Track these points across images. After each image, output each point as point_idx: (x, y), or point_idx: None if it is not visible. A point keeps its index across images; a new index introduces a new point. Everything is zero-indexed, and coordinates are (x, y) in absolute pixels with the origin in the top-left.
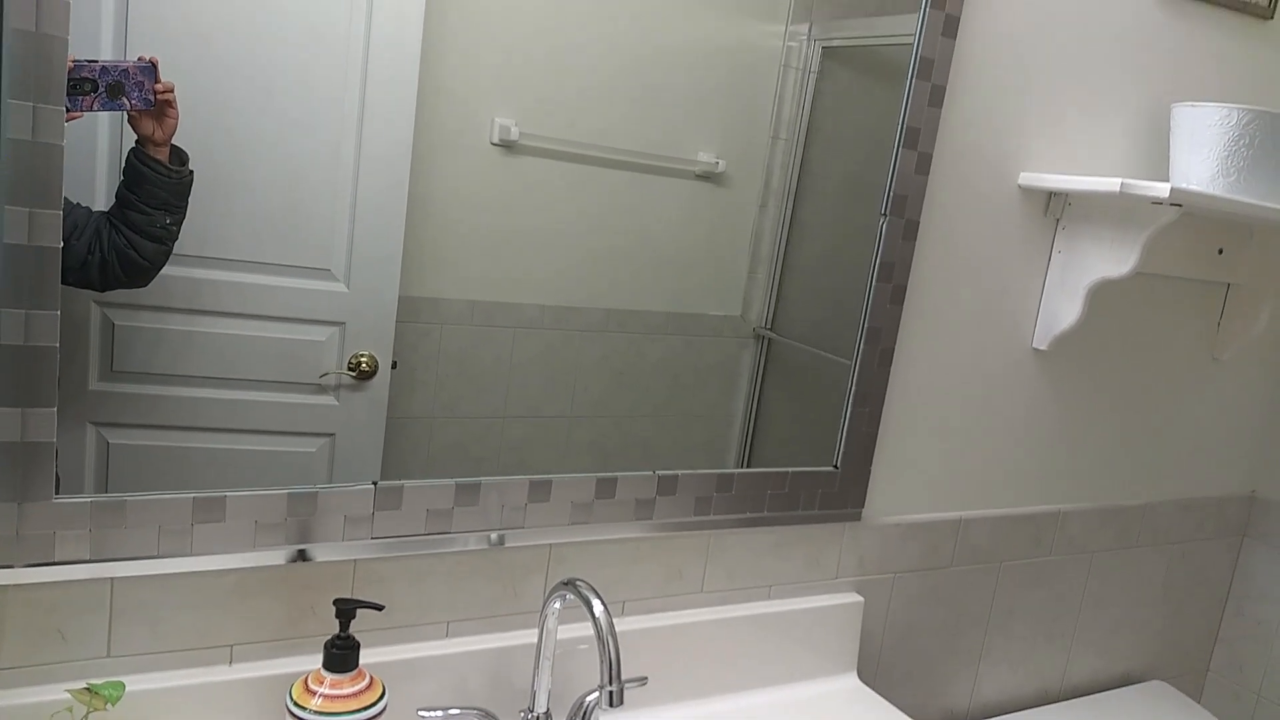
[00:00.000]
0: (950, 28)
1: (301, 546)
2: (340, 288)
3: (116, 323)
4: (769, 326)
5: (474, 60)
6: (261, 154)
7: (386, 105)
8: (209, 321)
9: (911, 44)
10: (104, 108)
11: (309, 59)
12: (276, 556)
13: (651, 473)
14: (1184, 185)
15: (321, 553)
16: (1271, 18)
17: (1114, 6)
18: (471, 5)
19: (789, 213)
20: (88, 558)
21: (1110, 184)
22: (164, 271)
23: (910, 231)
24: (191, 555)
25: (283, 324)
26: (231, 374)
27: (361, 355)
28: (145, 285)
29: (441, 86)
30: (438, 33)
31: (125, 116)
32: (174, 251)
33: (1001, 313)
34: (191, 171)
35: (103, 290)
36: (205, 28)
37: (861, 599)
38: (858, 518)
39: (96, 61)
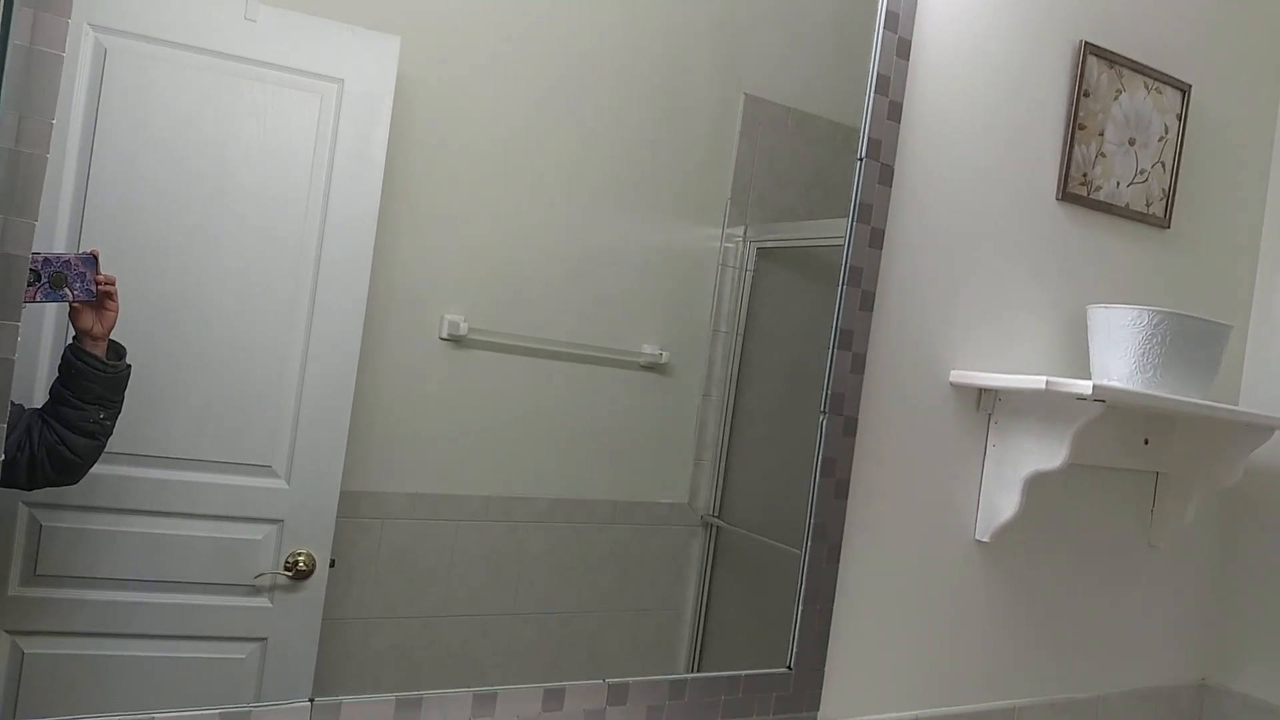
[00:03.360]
0: (876, 239)
1: None
2: (281, 484)
3: (44, 524)
4: (716, 514)
5: (425, 258)
6: (207, 349)
7: (337, 302)
8: (141, 521)
9: (839, 245)
10: (46, 299)
11: (261, 253)
12: None
13: (601, 681)
14: (1105, 382)
15: None
16: (1169, 227)
17: (1027, 217)
18: (424, 206)
19: (731, 402)
20: None
21: (1036, 382)
22: (97, 470)
23: (850, 428)
24: None
25: (219, 523)
26: (162, 576)
27: (299, 554)
28: (75, 483)
29: (392, 284)
30: (390, 232)
31: (69, 311)
32: (110, 449)
33: (943, 506)
34: (129, 365)
35: (30, 489)
36: (158, 222)
37: None
38: None
39: (39, 253)
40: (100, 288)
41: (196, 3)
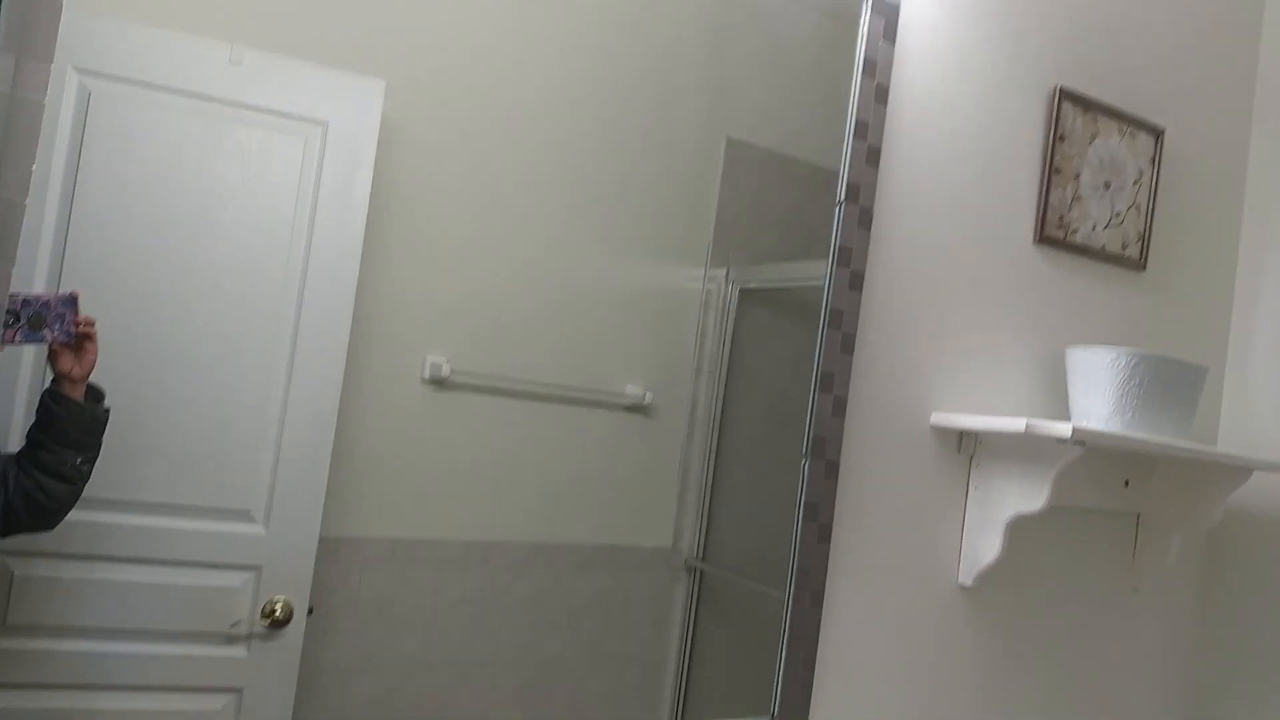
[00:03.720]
0: (856, 282)
1: None
2: (259, 530)
3: (16, 572)
4: (700, 557)
5: (408, 300)
6: (186, 392)
7: (319, 344)
8: (116, 569)
9: (820, 286)
10: (25, 340)
11: (242, 295)
12: None
13: None
14: (1084, 424)
15: None
16: (1145, 269)
17: (1005, 260)
18: (407, 248)
19: (715, 442)
20: None
21: (1016, 424)
22: (72, 516)
23: (831, 471)
24: None
25: (195, 570)
26: (135, 625)
27: (277, 601)
28: (51, 529)
29: (375, 326)
30: (373, 274)
31: (47, 353)
32: (85, 494)
33: (926, 550)
34: (107, 409)
35: (3, 536)
36: (139, 265)
37: None
38: None
39: (18, 294)
40: (80, 329)
41: (182, 46)
